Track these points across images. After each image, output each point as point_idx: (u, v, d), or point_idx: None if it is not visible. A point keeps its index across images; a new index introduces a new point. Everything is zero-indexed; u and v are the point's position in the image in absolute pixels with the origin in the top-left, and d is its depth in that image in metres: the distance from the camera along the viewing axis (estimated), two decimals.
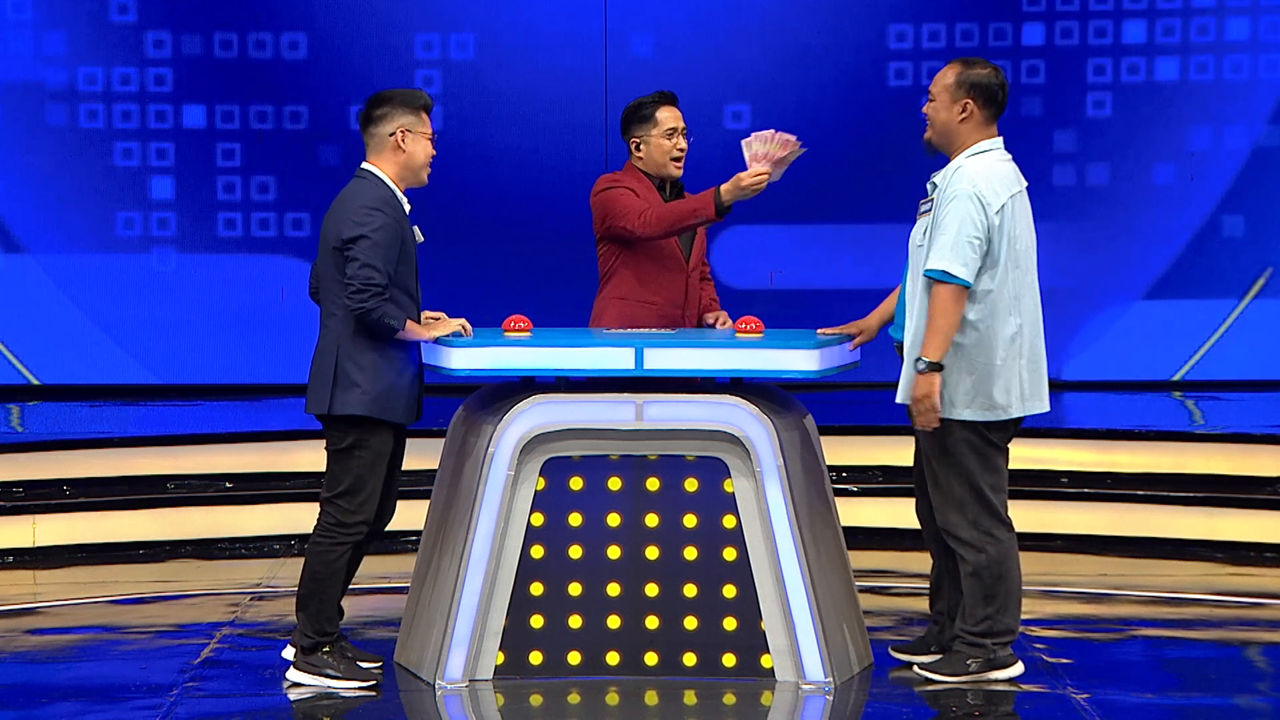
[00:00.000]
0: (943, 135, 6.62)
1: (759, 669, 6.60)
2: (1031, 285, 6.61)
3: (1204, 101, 12.43)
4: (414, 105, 6.64)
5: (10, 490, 9.48)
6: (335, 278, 6.55)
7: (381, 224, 6.49)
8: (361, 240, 6.46)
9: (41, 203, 12.29)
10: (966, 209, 6.44)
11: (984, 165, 6.54)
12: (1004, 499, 6.65)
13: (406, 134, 6.60)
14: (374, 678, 6.69)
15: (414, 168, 6.65)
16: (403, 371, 6.59)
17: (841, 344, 6.77)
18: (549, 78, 12.37)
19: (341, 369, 6.53)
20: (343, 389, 6.53)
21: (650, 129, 7.31)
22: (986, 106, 6.58)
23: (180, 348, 12.40)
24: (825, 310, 8.40)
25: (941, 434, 6.55)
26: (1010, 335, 6.52)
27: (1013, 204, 6.52)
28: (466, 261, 12.35)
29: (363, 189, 6.58)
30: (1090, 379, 12.53)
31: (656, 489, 6.62)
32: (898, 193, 12.26)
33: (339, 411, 6.53)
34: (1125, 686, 6.77)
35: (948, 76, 6.62)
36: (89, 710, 6.46)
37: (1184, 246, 12.55)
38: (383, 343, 6.53)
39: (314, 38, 12.37)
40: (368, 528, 6.65)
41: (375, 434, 6.57)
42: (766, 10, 12.49)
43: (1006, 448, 6.66)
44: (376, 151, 6.65)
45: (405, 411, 6.62)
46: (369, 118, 6.65)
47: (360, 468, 6.58)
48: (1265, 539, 9.30)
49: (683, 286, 7.32)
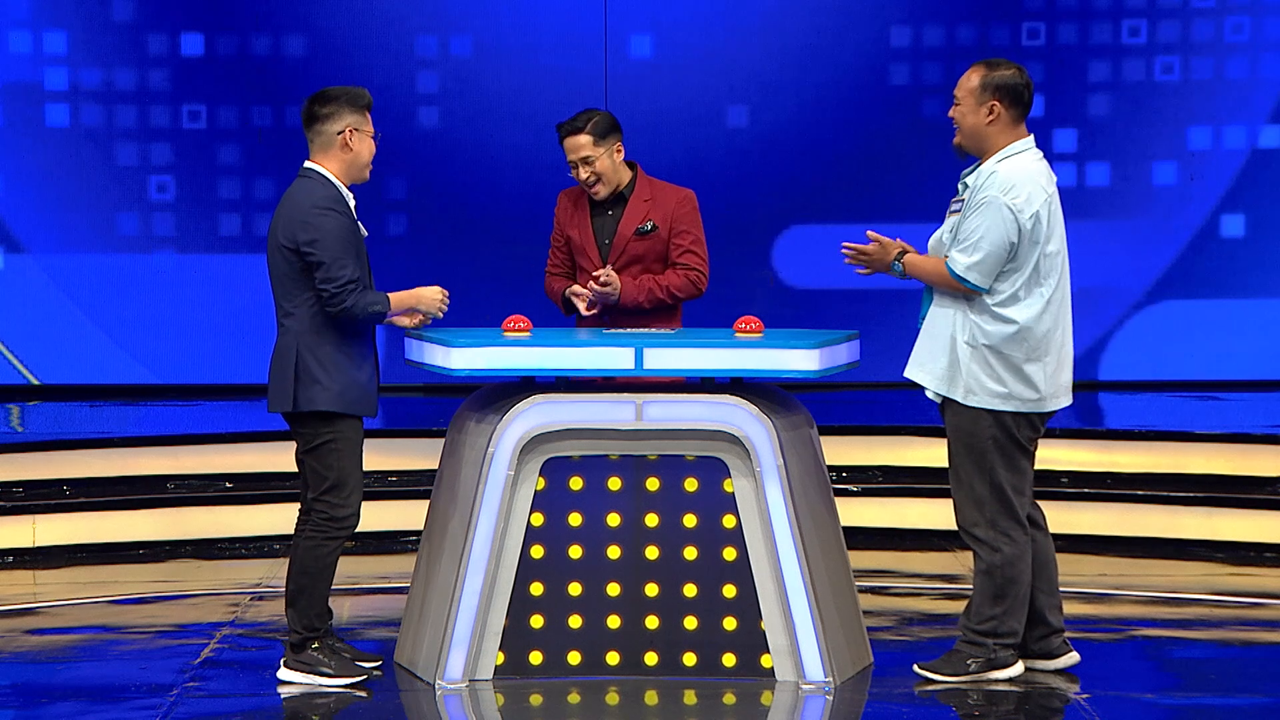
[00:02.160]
0: (972, 139, 6.62)
1: (759, 669, 6.60)
2: (1065, 283, 6.62)
3: (1204, 101, 12.44)
4: (359, 104, 6.67)
5: (10, 490, 9.48)
6: (290, 276, 6.57)
7: (336, 224, 6.52)
8: (319, 243, 6.49)
9: (41, 203, 12.29)
10: (997, 222, 6.45)
11: (1018, 169, 6.53)
12: (1025, 501, 6.65)
13: (354, 133, 6.63)
14: (366, 674, 6.69)
15: (359, 165, 6.68)
16: (361, 365, 6.63)
17: (841, 344, 6.77)
18: (549, 78, 12.37)
19: (303, 366, 6.56)
20: (305, 385, 6.56)
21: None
22: (1013, 107, 6.58)
23: (180, 348, 12.41)
24: (825, 310, 8.40)
25: (970, 429, 6.56)
26: (1044, 331, 6.54)
27: (1047, 207, 6.55)
28: (466, 261, 12.36)
29: (311, 189, 6.61)
30: (1090, 379, 12.53)
31: (656, 489, 6.62)
32: (898, 193, 12.31)
33: (304, 408, 6.58)
34: (1125, 686, 6.77)
35: (972, 79, 6.60)
36: (89, 710, 6.46)
37: (1184, 246, 12.55)
38: (342, 338, 6.57)
39: (314, 38, 12.37)
40: (359, 519, 6.66)
41: (344, 426, 6.61)
42: (766, 10, 12.49)
43: (1032, 451, 6.66)
44: (322, 150, 6.67)
45: (367, 405, 6.65)
46: (314, 115, 6.68)
47: (339, 461, 6.61)
48: (1265, 539, 9.30)
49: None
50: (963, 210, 6.58)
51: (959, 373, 6.56)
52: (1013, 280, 6.52)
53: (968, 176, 6.65)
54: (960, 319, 6.57)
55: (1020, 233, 6.47)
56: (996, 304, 6.52)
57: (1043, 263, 6.54)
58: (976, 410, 6.55)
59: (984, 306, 6.53)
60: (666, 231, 7.40)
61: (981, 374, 6.53)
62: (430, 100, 12.40)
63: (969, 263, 6.46)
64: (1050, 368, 6.58)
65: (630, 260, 7.38)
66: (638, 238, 7.38)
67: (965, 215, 6.54)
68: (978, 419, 6.56)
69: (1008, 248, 6.47)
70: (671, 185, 7.49)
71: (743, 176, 12.39)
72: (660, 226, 7.38)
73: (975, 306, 6.54)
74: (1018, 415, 6.57)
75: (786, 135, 12.50)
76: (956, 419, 6.62)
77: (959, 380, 6.57)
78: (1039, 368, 6.55)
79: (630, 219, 7.39)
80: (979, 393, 6.55)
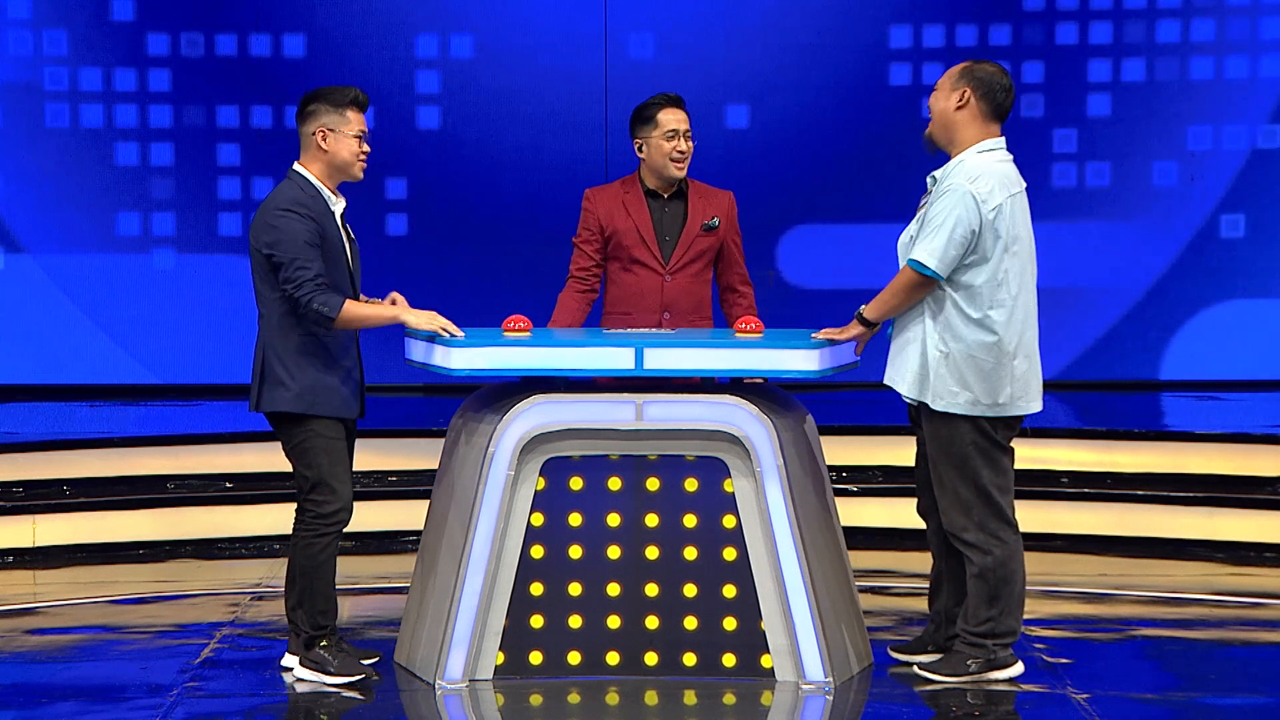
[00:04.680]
0: (940, 126, 6.62)
1: (759, 669, 6.60)
2: (1031, 285, 6.62)
3: (1204, 101, 12.43)
4: (337, 103, 6.64)
5: (10, 490, 9.48)
6: (261, 278, 6.61)
7: (295, 224, 6.51)
8: (278, 244, 6.51)
9: (41, 203, 12.29)
10: (958, 205, 6.45)
11: (984, 163, 6.54)
12: (1010, 500, 6.65)
13: (328, 134, 6.62)
14: (368, 673, 6.70)
15: (339, 165, 6.66)
16: (330, 368, 6.61)
17: (842, 344, 6.76)
18: (549, 78, 12.37)
19: (269, 367, 6.60)
20: (270, 386, 6.59)
21: (651, 130, 7.35)
22: (985, 101, 6.57)
23: (180, 348, 12.40)
24: (825, 310, 8.40)
25: (948, 435, 6.56)
26: (1014, 334, 6.53)
27: (1010, 204, 6.53)
28: (466, 261, 12.35)
29: (281, 192, 6.62)
30: (1090, 379, 12.53)
31: (656, 489, 6.62)
32: (898, 193, 12.29)
33: (266, 409, 6.62)
34: (1125, 686, 6.77)
35: (953, 70, 6.65)
36: (89, 710, 6.46)
37: (1184, 246, 12.55)
38: (308, 339, 6.57)
39: (314, 38, 12.37)
40: (349, 514, 6.66)
41: (317, 425, 6.61)
42: (766, 10, 12.49)
43: (1012, 448, 6.67)
44: (304, 150, 6.69)
45: (340, 406, 6.64)
46: (299, 115, 6.70)
47: (317, 458, 6.62)
48: (1265, 539, 9.30)
49: (658, 292, 7.35)
50: (927, 204, 6.59)
51: (929, 379, 6.56)
52: (976, 279, 6.49)
53: (936, 172, 6.66)
54: (929, 325, 6.56)
55: (982, 221, 6.46)
56: (963, 308, 6.50)
57: (1010, 264, 6.52)
58: (951, 416, 6.55)
59: (951, 312, 6.52)
60: (724, 230, 7.43)
61: (951, 380, 6.52)
62: (430, 100, 12.40)
63: (929, 248, 6.45)
64: (1020, 371, 6.56)
65: (694, 257, 7.38)
66: (704, 233, 7.39)
67: (930, 206, 6.55)
68: (955, 425, 6.56)
69: (969, 235, 6.45)
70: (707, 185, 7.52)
71: (743, 176, 12.37)
72: (722, 223, 7.42)
73: (942, 312, 6.53)
74: (992, 418, 6.57)
75: (786, 135, 12.50)
76: (934, 426, 6.62)
77: (929, 386, 6.56)
78: (1008, 373, 6.54)
79: (696, 214, 7.38)
80: (948, 398, 6.54)
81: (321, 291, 6.48)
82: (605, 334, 6.89)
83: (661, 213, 7.39)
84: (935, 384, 6.54)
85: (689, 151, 7.35)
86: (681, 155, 7.34)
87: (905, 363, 6.61)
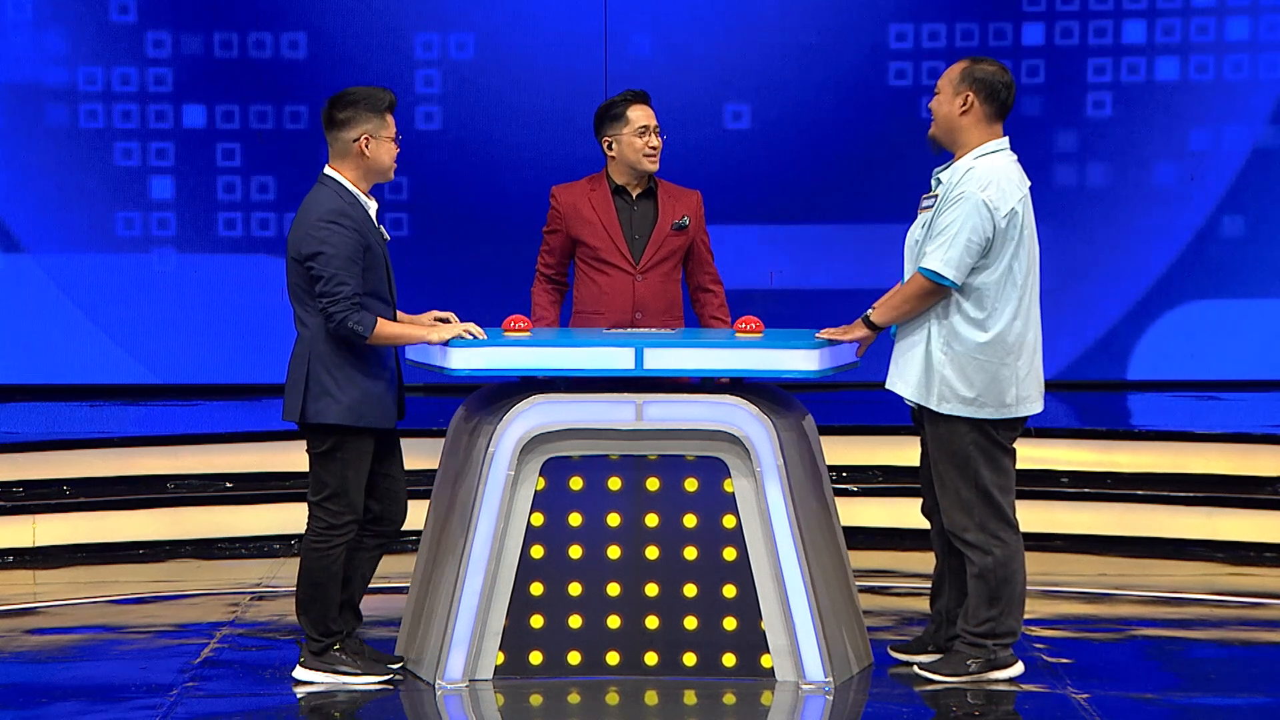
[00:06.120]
0: (945, 130, 6.63)
1: (759, 669, 6.60)
2: (1035, 286, 6.62)
3: (1204, 101, 12.43)
4: (378, 108, 6.55)
5: (10, 490, 9.48)
6: (302, 286, 6.51)
7: (340, 238, 6.42)
8: (320, 256, 6.41)
9: (41, 203, 12.29)
10: (973, 215, 6.45)
11: (993, 167, 6.53)
12: (1011, 501, 6.65)
13: (370, 140, 6.53)
14: (391, 673, 6.69)
15: (379, 170, 6.58)
16: (376, 377, 6.55)
17: (842, 344, 6.76)
18: (549, 78, 12.37)
19: (314, 377, 6.50)
20: (314, 398, 6.50)
21: (622, 128, 7.36)
22: (988, 102, 6.57)
23: (180, 348, 12.40)
24: (825, 310, 8.40)
25: (949, 435, 6.56)
26: (1017, 335, 6.53)
27: (1022, 207, 6.54)
28: (466, 261, 12.35)
29: (321, 200, 6.50)
30: (1090, 379, 12.53)
31: (656, 489, 6.62)
32: (897, 193, 12.27)
33: (312, 421, 6.52)
34: (1125, 686, 6.77)
35: (953, 71, 6.63)
36: (89, 710, 6.46)
37: (1184, 246, 12.55)
38: (355, 350, 6.51)
39: (314, 38, 12.37)
40: (358, 525, 6.64)
41: (353, 438, 6.55)
42: (766, 10, 12.48)
43: (1013, 449, 6.66)
44: (340, 156, 6.56)
45: (382, 416, 6.58)
46: (331, 120, 6.55)
47: (342, 471, 6.56)
48: (1265, 539, 9.30)
49: (630, 292, 7.35)
50: (936, 206, 6.57)
51: (933, 380, 6.56)
52: (983, 281, 6.49)
53: (941, 173, 6.65)
54: (934, 327, 6.56)
55: (995, 229, 6.47)
56: (968, 310, 6.51)
57: (1015, 266, 6.53)
58: (953, 417, 6.55)
59: (956, 314, 6.52)
60: (693, 229, 7.43)
61: (955, 381, 6.52)
62: (430, 100, 12.40)
63: (945, 257, 6.45)
64: (1023, 372, 6.57)
65: (665, 256, 7.38)
66: (675, 233, 7.39)
67: (940, 210, 6.54)
68: (956, 426, 6.56)
69: (983, 243, 6.46)
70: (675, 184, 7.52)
71: (743, 177, 12.38)
72: (691, 222, 7.42)
73: (947, 314, 6.53)
74: (995, 420, 6.56)
75: (786, 135, 12.49)
76: (935, 427, 6.62)
77: (933, 388, 6.56)
78: (1011, 373, 6.54)
79: (666, 213, 7.39)
80: (952, 400, 6.54)
81: (355, 310, 6.41)
82: (605, 334, 6.89)
83: (630, 212, 7.41)
84: (940, 387, 6.54)
85: (660, 146, 7.37)
86: (654, 150, 7.36)
87: (909, 365, 6.60)
